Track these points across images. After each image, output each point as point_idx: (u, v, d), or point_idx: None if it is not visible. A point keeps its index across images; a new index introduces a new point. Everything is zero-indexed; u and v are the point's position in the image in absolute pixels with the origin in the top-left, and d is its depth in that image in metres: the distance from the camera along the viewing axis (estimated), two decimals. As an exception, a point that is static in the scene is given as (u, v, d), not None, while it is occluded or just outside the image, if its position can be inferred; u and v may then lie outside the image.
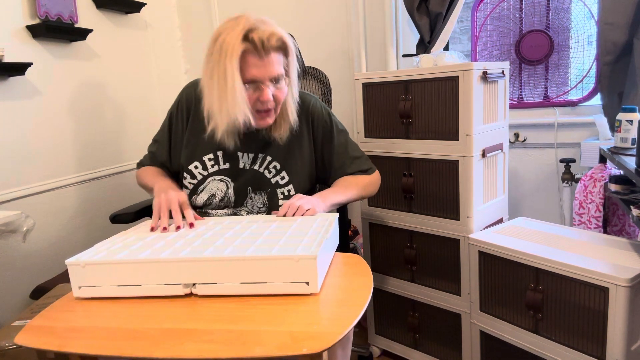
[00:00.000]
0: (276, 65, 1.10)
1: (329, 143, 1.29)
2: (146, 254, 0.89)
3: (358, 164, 1.30)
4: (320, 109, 1.29)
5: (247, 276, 0.84)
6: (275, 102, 1.14)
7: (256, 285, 0.84)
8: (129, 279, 0.87)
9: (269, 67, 1.08)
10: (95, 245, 0.97)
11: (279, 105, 1.16)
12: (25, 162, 1.73)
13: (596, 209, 1.52)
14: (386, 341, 1.75)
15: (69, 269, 0.88)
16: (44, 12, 1.72)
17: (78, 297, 0.89)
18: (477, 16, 1.91)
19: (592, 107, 1.78)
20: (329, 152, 1.29)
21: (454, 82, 1.37)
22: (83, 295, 0.89)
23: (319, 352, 0.67)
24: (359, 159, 1.31)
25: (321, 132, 1.29)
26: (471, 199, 1.41)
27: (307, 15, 2.16)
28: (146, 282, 0.86)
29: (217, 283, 0.85)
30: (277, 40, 1.08)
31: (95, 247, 0.97)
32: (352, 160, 1.30)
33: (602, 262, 1.14)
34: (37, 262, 1.77)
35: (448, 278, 1.50)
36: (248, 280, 0.84)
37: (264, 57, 1.07)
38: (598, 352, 1.12)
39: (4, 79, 1.65)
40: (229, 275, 0.85)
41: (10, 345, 1.22)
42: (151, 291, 0.87)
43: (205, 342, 0.71)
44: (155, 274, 0.86)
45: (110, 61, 2.07)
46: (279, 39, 1.08)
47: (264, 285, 0.84)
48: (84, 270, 0.87)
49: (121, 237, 1.03)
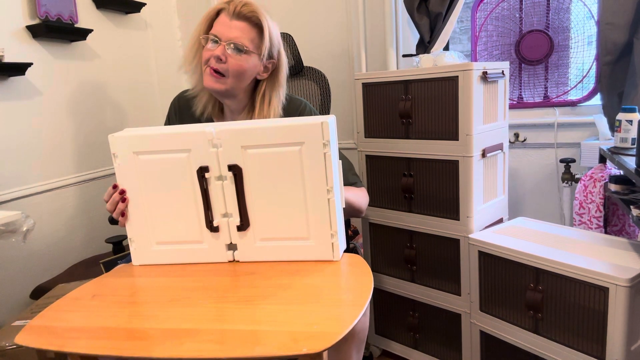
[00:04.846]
0: (240, 31, 1.13)
1: None
2: None
3: (349, 178, 1.25)
4: (310, 112, 1.27)
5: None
6: (228, 69, 1.14)
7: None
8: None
9: (232, 29, 1.13)
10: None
11: (233, 77, 1.15)
12: (25, 162, 1.73)
13: (597, 209, 1.52)
14: (386, 341, 1.75)
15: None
16: (44, 12, 1.72)
17: None
18: (477, 16, 1.91)
19: (592, 107, 1.78)
20: None
21: (454, 82, 1.37)
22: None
23: (319, 352, 0.67)
24: (349, 175, 1.26)
25: None
26: (471, 199, 1.41)
27: (307, 15, 2.16)
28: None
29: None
30: (249, 12, 1.13)
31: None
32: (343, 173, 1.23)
33: (602, 262, 1.14)
34: (37, 262, 1.77)
35: (448, 278, 1.50)
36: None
37: (232, 20, 1.13)
38: (598, 352, 1.12)
39: (4, 79, 1.65)
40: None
41: (10, 345, 1.22)
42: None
43: (205, 342, 0.71)
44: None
45: (110, 61, 2.07)
46: (251, 11, 1.13)
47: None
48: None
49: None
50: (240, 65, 1.14)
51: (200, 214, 0.99)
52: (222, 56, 1.13)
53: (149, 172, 0.99)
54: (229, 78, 1.15)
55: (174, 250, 1.02)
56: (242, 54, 1.14)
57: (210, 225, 0.99)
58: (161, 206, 1.00)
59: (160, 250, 1.03)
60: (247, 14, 1.13)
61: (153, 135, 0.97)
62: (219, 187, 0.97)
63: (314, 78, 1.76)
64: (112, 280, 0.98)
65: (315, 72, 1.76)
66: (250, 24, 1.14)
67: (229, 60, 1.13)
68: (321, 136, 0.91)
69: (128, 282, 0.96)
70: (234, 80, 1.16)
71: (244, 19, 1.13)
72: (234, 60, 1.13)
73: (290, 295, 0.84)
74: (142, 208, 1.01)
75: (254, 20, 1.14)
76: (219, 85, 1.16)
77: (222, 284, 0.92)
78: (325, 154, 0.92)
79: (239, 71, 1.15)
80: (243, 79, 1.17)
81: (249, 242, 0.99)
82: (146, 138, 0.97)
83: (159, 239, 1.02)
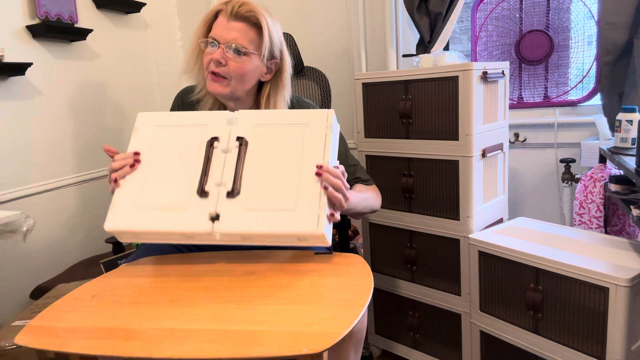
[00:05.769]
0: (238, 33, 1.11)
1: None
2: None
3: (358, 173, 1.26)
4: None
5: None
6: (229, 72, 1.12)
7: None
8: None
9: (230, 30, 1.11)
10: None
11: (235, 80, 1.14)
12: (25, 162, 1.73)
13: (597, 209, 1.52)
14: (386, 341, 1.74)
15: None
16: (44, 12, 1.72)
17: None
18: (477, 16, 1.91)
19: (592, 107, 1.78)
20: None
21: (454, 82, 1.37)
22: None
23: (319, 352, 0.67)
24: (359, 169, 1.27)
25: None
26: (471, 199, 1.41)
27: (307, 15, 2.16)
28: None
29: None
30: (247, 11, 1.11)
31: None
32: (353, 168, 1.25)
33: (602, 262, 1.14)
34: (37, 262, 1.77)
35: (448, 278, 1.50)
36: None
37: (230, 21, 1.11)
38: (598, 352, 1.12)
39: (4, 79, 1.65)
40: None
41: (10, 345, 1.22)
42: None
43: (205, 342, 0.71)
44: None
45: (110, 61, 2.07)
46: (249, 10, 1.11)
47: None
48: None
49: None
50: (241, 67, 1.12)
51: (195, 180, 1.00)
52: (222, 59, 1.11)
53: (162, 140, 1.06)
54: (232, 80, 1.14)
55: (154, 216, 0.99)
56: (242, 56, 1.12)
57: (201, 190, 0.99)
58: (160, 171, 1.02)
59: (139, 214, 0.99)
60: (245, 14, 1.11)
61: (179, 113, 1.09)
62: (222, 158, 1.02)
63: (314, 78, 1.76)
64: (112, 280, 0.98)
65: (315, 72, 1.76)
66: (249, 24, 1.12)
67: (229, 63, 1.12)
68: (325, 120, 1.02)
69: (128, 282, 0.96)
70: (236, 82, 1.14)
71: (242, 19, 1.11)
72: (234, 62, 1.12)
73: (290, 295, 0.84)
74: (140, 173, 1.03)
75: (252, 20, 1.12)
76: (222, 88, 1.14)
77: (222, 284, 0.91)
78: (327, 135, 1.00)
79: (240, 73, 1.13)
80: (246, 81, 1.15)
81: (234, 211, 0.97)
82: (172, 114, 1.09)
83: (143, 203, 1.00)
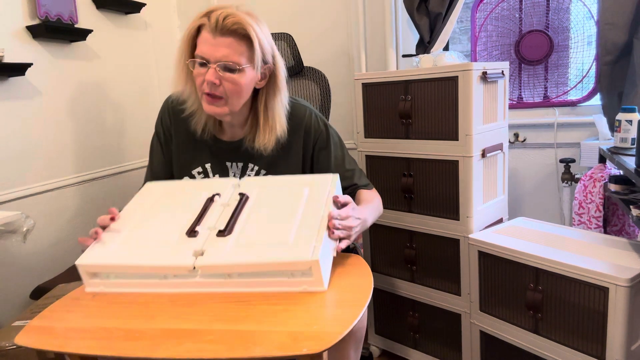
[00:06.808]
0: (228, 49, 1.03)
1: (326, 158, 1.22)
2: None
3: (356, 178, 1.25)
4: (317, 120, 1.22)
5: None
6: (225, 92, 1.07)
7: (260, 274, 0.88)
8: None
9: (219, 47, 1.03)
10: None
11: (232, 97, 1.08)
12: (25, 162, 1.73)
13: (596, 209, 1.52)
14: (386, 341, 1.74)
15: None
16: (44, 13, 1.72)
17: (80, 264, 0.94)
18: (476, 16, 1.91)
19: (591, 107, 1.78)
20: (326, 165, 1.22)
21: (454, 82, 1.37)
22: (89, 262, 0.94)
23: (319, 352, 0.68)
24: (358, 173, 1.26)
25: (317, 146, 1.22)
26: (471, 199, 1.41)
27: (307, 15, 2.16)
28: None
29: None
30: (233, 24, 1.02)
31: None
32: (351, 173, 1.24)
33: (602, 262, 1.14)
34: (37, 262, 1.77)
35: (448, 278, 1.50)
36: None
37: (217, 37, 1.03)
38: (598, 352, 1.12)
39: (4, 79, 1.65)
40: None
41: (10, 346, 1.22)
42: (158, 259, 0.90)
43: (205, 342, 0.72)
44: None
45: (110, 61, 2.07)
46: (235, 23, 1.02)
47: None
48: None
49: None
50: (237, 84, 1.06)
51: (187, 225, 0.97)
52: (216, 80, 1.05)
53: (164, 198, 1.09)
54: (229, 99, 1.08)
55: (132, 252, 0.93)
56: (236, 72, 1.05)
57: (190, 231, 0.95)
58: (153, 221, 1.01)
59: (116, 250, 0.94)
60: (231, 27, 1.02)
61: (185, 182, 1.18)
62: (219, 209, 1.01)
63: (314, 78, 1.76)
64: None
65: (315, 72, 1.76)
66: (237, 37, 1.03)
67: (223, 83, 1.06)
68: (329, 183, 1.05)
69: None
70: (233, 99, 1.09)
71: (228, 33, 1.02)
72: (228, 81, 1.06)
73: (290, 295, 0.84)
74: (132, 221, 1.02)
75: (240, 32, 1.03)
76: (220, 109, 1.09)
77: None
78: (330, 192, 1.02)
79: (236, 90, 1.07)
80: (242, 96, 1.10)
81: (222, 247, 0.90)
82: (178, 183, 1.16)
83: (125, 241, 0.96)
